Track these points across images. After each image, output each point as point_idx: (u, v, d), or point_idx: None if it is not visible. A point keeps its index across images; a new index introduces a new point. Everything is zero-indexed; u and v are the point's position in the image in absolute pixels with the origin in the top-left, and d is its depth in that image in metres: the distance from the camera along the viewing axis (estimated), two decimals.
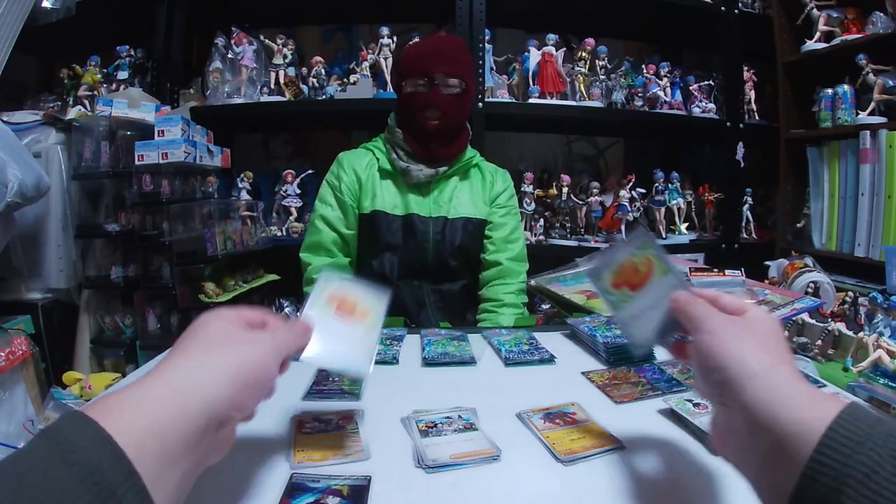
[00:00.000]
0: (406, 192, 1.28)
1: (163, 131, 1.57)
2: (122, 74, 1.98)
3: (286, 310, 1.89)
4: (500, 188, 1.36)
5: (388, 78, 1.90)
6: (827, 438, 0.30)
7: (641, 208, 2.02)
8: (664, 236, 2.02)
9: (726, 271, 1.09)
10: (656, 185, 2.03)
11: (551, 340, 0.86)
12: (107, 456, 0.28)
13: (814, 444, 0.30)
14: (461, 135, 1.32)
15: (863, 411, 0.31)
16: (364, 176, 1.29)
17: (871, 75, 1.67)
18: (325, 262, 1.28)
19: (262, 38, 1.95)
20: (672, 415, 0.59)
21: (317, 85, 1.92)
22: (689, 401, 0.61)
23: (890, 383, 0.62)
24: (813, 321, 1.04)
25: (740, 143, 2.04)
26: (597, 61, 1.97)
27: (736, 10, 2.03)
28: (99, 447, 0.28)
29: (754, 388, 0.35)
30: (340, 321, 0.52)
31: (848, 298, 1.13)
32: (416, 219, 1.26)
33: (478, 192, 1.33)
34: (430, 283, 1.28)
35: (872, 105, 1.67)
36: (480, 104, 1.79)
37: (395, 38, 1.90)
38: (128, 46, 2.00)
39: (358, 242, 1.31)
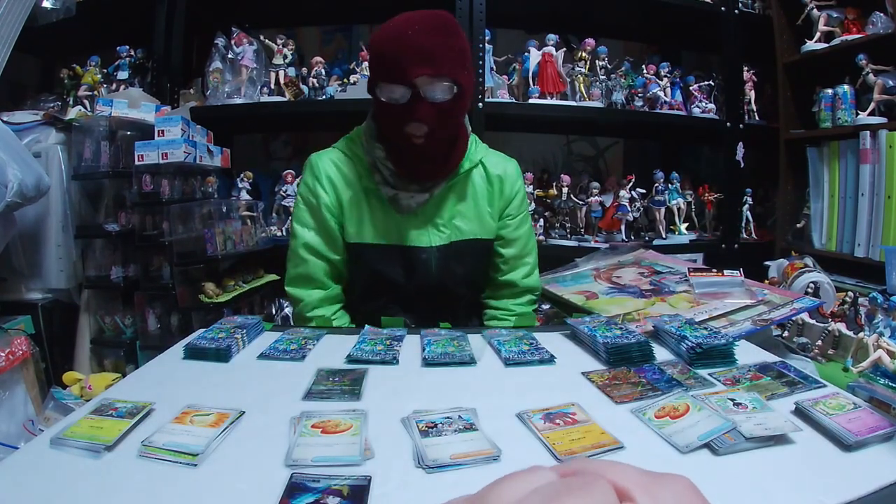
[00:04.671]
0: (399, 217, 1.06)
1: (163, 131, 1.57)
2: (122, 74, 1.98)
3: (286, 310, 1.89)
4: (509, 194, 1.13)
5: None
6: None
7: (641, 208, 2.03)
8: (664, 236, 2.02)
9: (725, 271, 1.09)
10: (656, 185, 2.03)
11: (551, 340, 0.86)
12: None
13: None
14: (457, 144, 1.06)
15: None
16: (345, 197, 1.05)
17: (871, 75, 1.67)
18: (318, 295, 1.08)
19: (262, 38, 1.95)
20: None
21: (317, 85, 1.92)
22: None
23: (890, 383, 0.62)
24: (813, 321, 1.04)
25: (740, 144, 2.04)
26: (597, 61, 1.97)
27: (736, 11, 2.03)
28: None
29: None
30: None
31: (848, 299, 1.13)
32: (416, 251, 1.06)
33: (483, 206, 1.11)
34: (434, 306, 1.11)
35: (872, 105, 1.67)
36: (480, 104, 1.79)
37: None
38: (128, 46, 2.00)
39: (347, 270, 1.11)
